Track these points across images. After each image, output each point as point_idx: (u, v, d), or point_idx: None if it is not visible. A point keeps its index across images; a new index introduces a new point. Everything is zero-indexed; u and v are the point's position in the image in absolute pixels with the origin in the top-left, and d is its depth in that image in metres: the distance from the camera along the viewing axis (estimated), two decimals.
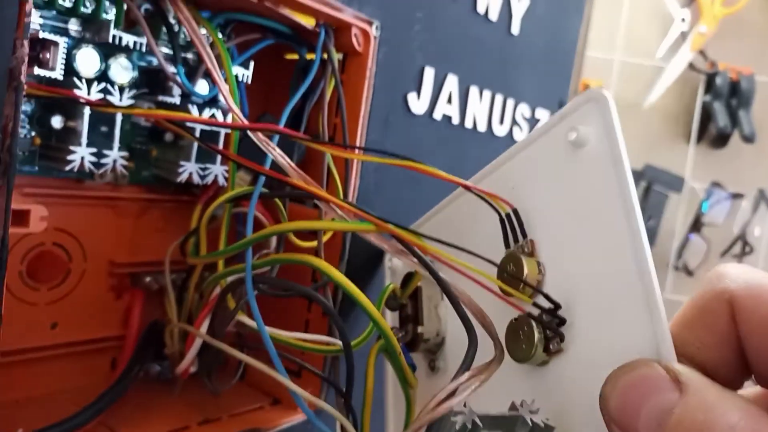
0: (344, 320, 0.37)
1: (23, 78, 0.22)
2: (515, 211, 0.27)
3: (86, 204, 0.34)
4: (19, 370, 0.33)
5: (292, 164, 0.30)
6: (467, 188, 0.27)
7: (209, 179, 0.35)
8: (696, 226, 1.35)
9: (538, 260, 0.27)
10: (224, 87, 0.30)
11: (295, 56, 0.37)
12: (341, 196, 0.35)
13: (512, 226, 0.27)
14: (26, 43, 0.21)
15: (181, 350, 0.34)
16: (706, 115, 1.33)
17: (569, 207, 0.26)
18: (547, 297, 0.25)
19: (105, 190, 0.34)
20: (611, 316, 0.24)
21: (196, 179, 0.34)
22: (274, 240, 0.35)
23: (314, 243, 0.35)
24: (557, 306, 0.25)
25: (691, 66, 1.33)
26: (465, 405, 0.22)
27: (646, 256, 0.23)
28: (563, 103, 0.59)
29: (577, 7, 0.57)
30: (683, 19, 1.31)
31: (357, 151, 0.35)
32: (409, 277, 0.33)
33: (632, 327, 0.23)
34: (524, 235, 0.27)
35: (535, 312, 0.25)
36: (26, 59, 0.22)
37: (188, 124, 0.33)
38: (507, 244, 0.28)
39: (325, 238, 0.35)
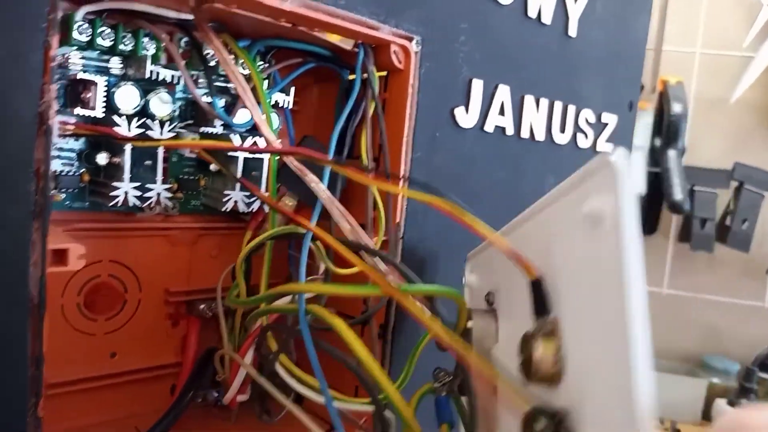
0: (398, 337, 0.36)
1: (52, 122, 0.22)
2: (538, 281, 0.22)
3: (139, 235, 0.35)
4: (83, 398, 0.34)
5: (326, 190, 0.29)
6: (493, 245, 0.24)
7: (255, 206, 0.35)
8: None
9: (558, 344, 0.21)
10: (259, 117, 0.30)
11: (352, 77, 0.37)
12: (383, 221, 0.34)
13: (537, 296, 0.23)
14: (53, 87, 0.22)
15: None
16: None
17: (587, 284, 0.21)
18: (541, 411, 0.21)
19: (156, 221, 0.35)
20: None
21: (241, 207, 0.34)
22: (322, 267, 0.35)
23: (353, 270, 0.34)
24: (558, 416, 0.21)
25: None
26: None
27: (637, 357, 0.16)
28: (633, 105, 0.56)
29: (643, 4, 0.54)
30: None
31: (402, 183, 0.33)
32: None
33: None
34: (548, 312, 0.22)
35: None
36: (54, 103, 0.22)
37: (230, 153, 0.33)
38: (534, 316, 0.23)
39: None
